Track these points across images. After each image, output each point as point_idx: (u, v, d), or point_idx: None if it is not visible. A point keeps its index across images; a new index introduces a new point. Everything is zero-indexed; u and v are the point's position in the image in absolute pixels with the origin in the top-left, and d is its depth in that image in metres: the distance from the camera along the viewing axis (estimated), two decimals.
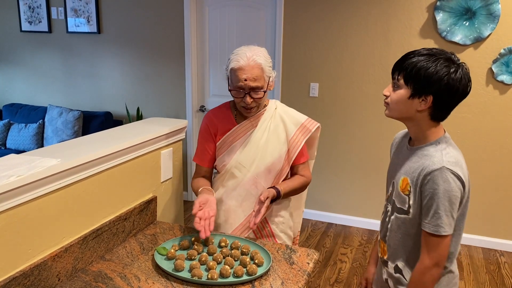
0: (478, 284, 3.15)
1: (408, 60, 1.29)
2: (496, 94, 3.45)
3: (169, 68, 4.39)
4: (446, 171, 1.25)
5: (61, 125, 4.49)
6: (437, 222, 1.27)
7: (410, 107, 1.31)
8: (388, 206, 1.45)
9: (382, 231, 1.49)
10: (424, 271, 1.31)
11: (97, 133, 1.77)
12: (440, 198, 1.25)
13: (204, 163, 1.88)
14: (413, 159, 1.35)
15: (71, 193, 1.43)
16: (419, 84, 1.26)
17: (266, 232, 1.87)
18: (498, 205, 3.61)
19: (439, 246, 1.29)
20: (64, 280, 1.41)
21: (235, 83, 1.70)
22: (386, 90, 1.36)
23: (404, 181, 1.36)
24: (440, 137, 1.34)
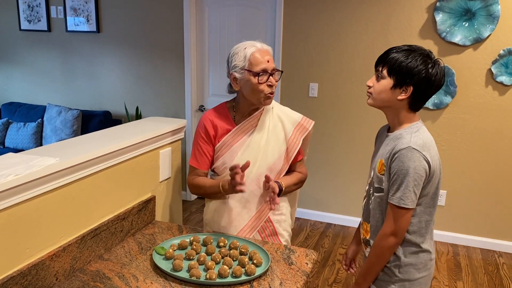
0: (476, 285, 3.15)
1: (392, 54, 1.44)
2: (496, 95, 3.45)
3: (169, 67, 4.38)
4: (412, 151, 1.40)
5: (60, 124, 4.48)
6: (399, 195, 1.41)
7: (392, 96, 1.46)
8: (370, 190, 1.58)
9: (365, 213, 1.61)
10: (382, 238, 1.47)
11: (96, 132, 1.76)
12: (404, 175, 1.40)
13: (202, 166, 1.84)
14: (388, 143, 1.50)
15: (69, 192, 1.43)
16: (401, 75, 1.42)
17: (270, 231, 1.87)
18: (496, 206, 3.61)
19: (399, 218, 1.43)
20: (62, 279, 1.40)
21: (258, 66, 1.69)
22: (370, 81, 1.51)
23: (380, 162, 1.50)
24: (413, 123, 1.48)
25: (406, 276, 1.52)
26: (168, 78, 4.41)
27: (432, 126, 3.64)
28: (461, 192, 3.66)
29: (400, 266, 1.52)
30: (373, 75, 1.52)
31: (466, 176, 3.63)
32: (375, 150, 1.63)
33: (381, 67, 1.47)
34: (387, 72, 1.44)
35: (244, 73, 1.72)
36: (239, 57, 1.71)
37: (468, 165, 3.62)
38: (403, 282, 1.52)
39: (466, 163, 3.62)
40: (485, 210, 3.65)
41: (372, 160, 1.62)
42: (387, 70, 1.44)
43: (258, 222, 1.83)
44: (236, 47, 1.74)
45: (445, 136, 3.62)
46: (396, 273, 1.52)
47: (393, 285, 1.53)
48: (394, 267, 1.53)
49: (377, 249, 1.50)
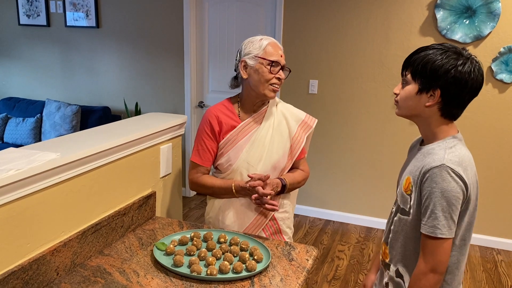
0: (475, 282, 3.16)
1: (416, 54, 1.27)
2: (495, 93, 3.46)
3: (168, 63, 4.37)
4: (446, 169, 1.19)
5: (59, 119, 4.47)
6: (433, 223, 1.20)
7: (419, 103, 1.27)
8: (393, 208, 1.41)
9: (385, 233, 1.44)
10: (419, 277, 1.24)
11: (97, 128, 1.76)
12: (438, 197, 1.19)
13: (205, 163, 1.82)
14: (419, 158, 1.30)
15: (70, 187, 1.42)
16: (426, 78, 1.23)
17: (274, 229, 1.87)
18: (496, 203, 3.62)
19: (436, 249, 1.21)
20: (63, 274, 1.40)
21: (272, 57, 1.72)
22: (396, 88, 1.34)
23: (407, 180, 1.30)
24: (449, 136, 1.28)
25: None
26: (167, 74, 4.40)
27: None
28: None
29: None
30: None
31: None
32: (405, 164, 1.42)
33: (405, 71, 1.29)
34: (411, 76, 1.27)
35: (257, 60, 1.73)
36: (254, 46, 1.74)
37: None
38: None
39: None
40: (484, 208, 3.66)
41: (400, 175, 1.41)
42: (411, 74, 1.27)
43: (263, 220, 1.83)
44: (251, 38, 1.78)
45: None
46: None
47: None
48: None
49: (415, 284, 1.25)
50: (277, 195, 1.82)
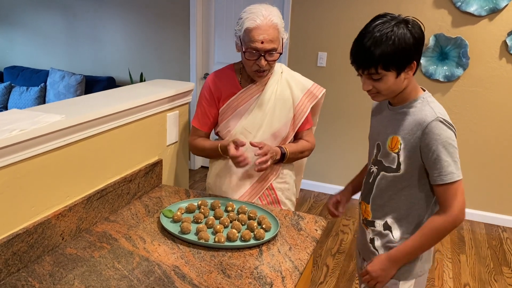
0: (479, 258, 3.15)
1: (375, 51, 1.24)
2: (509, 68, 3.37)
3: (174, 33, 4.28)
4: (442, 121, 1.29)
5: (63, 89, 4.42)
6: (448, 170, 1.28)
7: (401, 82, 1.31)
8: (372, 168, 1.46)
9: (364, 192, 1.50)
10: (450, 218, 1.31)
11: (103, 92, 1.72)
12: (443, 147, 1.27)
13: (203, 127, 1.82)
14: (401, 118, 1.36)
15: (75, 151, 1.39)
16: (401, 62, 1.26)
17: (272, 199, 1.83)
18: (502, 180, 3.58)
19: (457, 192, 1.29)
20: (68, 239, 1.38)
21: (250, 44, 1.61)
22: (366, 86, 1.33)
23: (394, 139, 1.36)
24: (423, 93, 1.37)
25: (413, 260, 1.42)
26: (173, 44, 4.32)
27: (442, 99, 3.57)
28: (467, 166, 3.62)
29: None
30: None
31: (473, 151, 3.59)
32: (374, 125, 1.49)
33: (373, 69, 1.26)
34: (384, 68, 1.26)
35: (238, 42, 1.67)
36: (240, 24, 1.64)
37: (476, 140, 3.57)
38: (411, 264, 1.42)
39: (474, 138, 3.56)
40: (490, 185, 3.62)
41: (374, 136, 1.48)
42: (382, 68, 1.26)
43: (259, 189, 1.80)
44: (244, 11, 1.65)
45: (454, 110, 3.55)
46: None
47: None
48: None
49: (439, 231, 1.32)
50: (277, 163, 1.78)
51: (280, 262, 1.31)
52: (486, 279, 2.90)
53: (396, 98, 1.37)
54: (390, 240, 1.43)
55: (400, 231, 1.42)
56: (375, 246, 1.46)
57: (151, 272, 1.23)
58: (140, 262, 1.28)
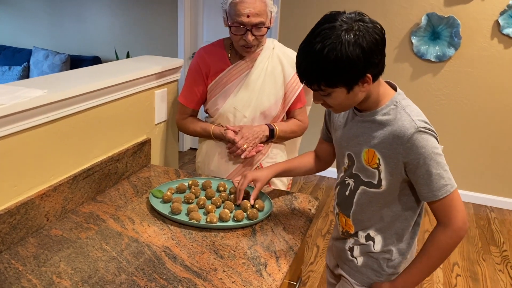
0: (468, 238, 3.17)
1: (315, 67, 1.06)
2: (501, 48, 3.35)
3: (161, 12, 4.16)
4: (423, 131, 1.12)
5: (47, 68, 4.29)
6: (441, 183, 1.14)
7: (355, 96, 1.12)
8: (347, 180, 1.30)
9: (342, 205, 1.34)
10: (454, 234, 1.17)
11: (88, 67, 1.64)
12: (431, 159, 1.13)
13: (190, 104, 1.77)
14: (373, 127, 1.19)
15: (59, 128, 1.32)
16: (348, 78, 1.07)
17: None
18: (489, 161, 3.59)
19: (455, 203, 1.16)
20: (54, 220, 1.33)
21: (236, 18, 1.55)
22: (316, 99, 1.16)
23: (370, 153, 1.20)
24: (394, 95, 1.19)
25: (394, 271, 1.32)
26: (160, 22, 4.20)
27: (433, 79, 3.54)
28: (457, 147, 3.62)
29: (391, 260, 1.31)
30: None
31: (463, 131, 3.58)
32: (341, 130, 1.30)
33: (316, 85, 1.10)
34: (328, 86, 1.09)
35: (225, 16, 1.61)
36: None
37: (466, 120, 3.56)
38: (390, 276, 1.32)
39: (464, 118, 3.56)
40: (479, 166, 3.63)
41: (342, 143, 1.30)
42: (326, 85, 1.08)
43: (247, 168, 1.76)
44: None
45: (445, 90, 3.53)
46: (384, 267, 1.31)
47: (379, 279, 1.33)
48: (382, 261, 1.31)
49: (445, 250, 1.19)
50: (266, 141, 1.74)
51: (274, 242, 1.27)
52: (475, 258, 2.93)
53: (362, 105, 1.20)
54: (370, 250, 1.31)
55: (383, 243, 1.30)
56: (353, 255, 1.35)
57: (140, 253, 1.19)
58: (129, 243, 1.24)
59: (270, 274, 1.13)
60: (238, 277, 1.11)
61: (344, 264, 1.39)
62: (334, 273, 1.48)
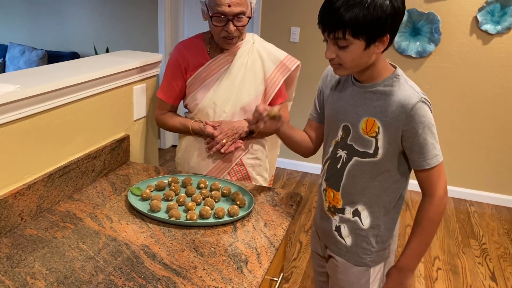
0: (448, 232, 3.22)
1: (346, 9, 1.11)
2: (479, 44, 3.39)
3: (141, 6, 4.10)
4: (425, 102, 1.22)
5: (24, 65, 4.19)
6: (433, 153, 1.23)
7: (368, 56, 1.18)
8: (339, 153, 1.33)
9: (331, 179, 1.36)
10: (439, 203, 1.26)
11: (64, 62, 1.60)
12: (428, 130, 1.21)
13: (169, 99, 1.74)
14: (375, 97, 1.24)
15: (33, 125, 1.28)
16: (373, 31, 1.13)
17: (242, 174, 1.78)
18: (470, 156, 3.65)
19: (441, 173, 1.26)
20: (28, 220, 1.29)
21: (216, 9, 1.53)
22: (329, 53, 1.20)
23: (369, 122, 1.24)
24: (395, 70, 1.26)
25: (382, 246, 1.37)
26: (140, 18, 4.14)
27: (414, 75, 3.57)
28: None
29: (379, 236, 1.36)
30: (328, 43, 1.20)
31: (443, 126, 3.63)
32: (337, 104, 1.32)
33: (341, 33, 1.13)
34: (352, 34, 1.13)
35: (204, 9, 1.58)
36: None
37: (446, 115, 3.60)
38: (379, 253, 1.37)
39: (444, 113, 3.60)
40: (459, 160, 3.69)
41: (338, 116, 1.32)
42: (351, 34, 1.13)
43: (228, 164, 1.74)
44: None
45: (425, 86, 3.57)
46: (374, 244, 1.35)
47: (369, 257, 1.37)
48: (372, 237, 1.35)
49: (434, 220, 1.27)
50: (246, 137, 1.72)
51: (255, 239, 1.26)
52: (455, 251, 2.97)
53: (364, 74, 1.25)
54: (358, 227, 1.34)
55: (371, 218, 1.33)
56: (341, 235, 1.37)
57: (118, 252, 1.16)
58: (107, 242, 1.21)
59: (251, 271, 1.12)
60: (219, 275, 1.09)
61: (332, 245, 1.42)
62: (324, 256, 1.49)
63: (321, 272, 1.55)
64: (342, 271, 1.40)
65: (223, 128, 1.65)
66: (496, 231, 3.27)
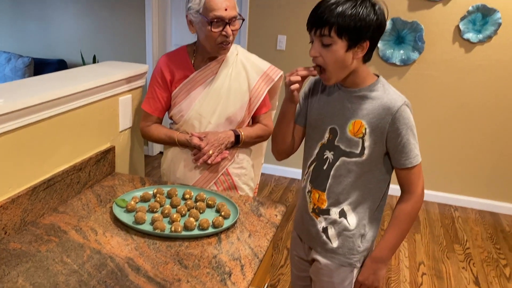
0: (433, 237, 3.26)
1: (334, 11, 1.20)
2: (461, 52, 3.46)
3: (128, 14, 4.10)
4: (408, 106, 1.31)
5: (10, 72, 4.17)
6: (414, 153, 1.32)
7: (348, 60, 1.26)
8: (326, 154, 1.39)
9: (317, 180, 1.41)
10: (417, 200, 1.35)
11: (49, 74, 1.60)
12: (411, 132, 1.31)
13: (155, 112, 1.75)
14: (362, 101, 1.32)
15: (17, 138, 1.28)
16: (356, 32, 1.21)
17: (229, 184, 1.79)
18: (454, 162, 3.71)
19: (420, 173, 1.35)
20: (12, 233, 1.29)
21: (214, 14, 1.55)
22: (314, 50, 1.26)
23: (356, 124, 1.32)
24: (379, 78, 1.35)
25: (367, 246, 1.43)
26: (128, 25, 4.14)
27: (398, 82, 3.63)
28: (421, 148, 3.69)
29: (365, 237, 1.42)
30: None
31: (427, 132, 3.69)
32: (324, 109, 1.39)
33: (327, 30, 1.21)
34: (337, 33, 1.21)
35: (198, 18, 1.59)
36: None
37: (429, 122, 3.66)
38: (364, 252, 1.43)
39: (428, 120, 3.66)
40: (443, 166, 3.74)
41: (324, 121, 1.39)
42: (336, 31, 1.20)
43: (214, 174, 1.76)
44: None
45: (410, 92, 3.62)
46: (359, 243, 1.41)
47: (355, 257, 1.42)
48: (358, 237, 1.41)
49: (411, 215, 1.36)
50: (232, 147, 1.74)
51: (239, 250, 1.28)
52: (439, 256, 3.01)
53: (348, 80, 1.32)
54: (345, 227, 1.39)
55: (357, 218, 1.39)
56: (328, 236, 1.41)
57: (103, 266, 1.17)
58: (91, 255, 1.21)
59: (234, 283, 1.13)
60: (202, 287, 1.11)
61: (318, 247, 1.45)
62: (307, 260, 1.53)
63: (303, 276, 1.58)
64: (326, 273, 1.44)
65: (209, 139, 1.67)
66: (479, 236, 3.32)
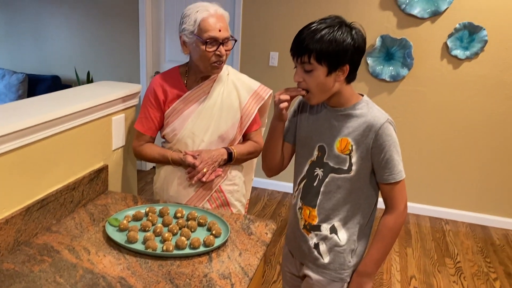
0: (424, 251, 3.29)
1: (313, 39, 1.27)
2: (450, 69, 3.53)
3: (122, 30, 4.16)
4: (390, 122, 1.37)
5: (4, 88, 4.19)
6: (398, 169, 1.37)
7: (330, 84, 1.32)
8: (316, 171, 1.44)
9: (308, 197, 1.46)
10: (398, 217, 1.39)
11: (43, 96, 1.63)
12: (393, 147, 1.35)
13: (148, 131, 1.78)
14: (347, 120, 1.38)
15: (10, 160, 1.31)
16: (334, 58, 1.28)
17: (221, 201, 1.82)
18: (444, 175, 3.76)
19: (403, 189, 1.39)
20: (5, 253, 1.30)
21: (208, 34, 1.60)
22: (297, 76, 1.34)
23: (343, 141, 1.38)
24: (363, 98, 1.41)
25: (357, 261, 1.47)
26: (122, 41, 4.19)
27: (388, 98, 3.69)
28: (411, 162, 3.76)
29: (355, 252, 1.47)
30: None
31: (417, 147, 3.74)
32: (311, 127, 1.45)
33: (308, 57, 1.28)
34: (317, 59, 1.27)
35: (192, 38, 1.64)
36: (190, 20, 1.63)
37: (419, 137, 3.72)
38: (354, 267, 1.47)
39: (418, 135, 3.72)
40: (434, 180, 3.79)
41: (312, 139, 1.44)
42: (315, 58, 1.27)
43: (207, 192, 1.79)
44: (189, 8, 1.65)
45: (399, 108, 3.68)
46: (349, 258, 1.45)
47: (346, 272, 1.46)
48: (348, 253, 1.45)
49: (394, 230, 1.40)
50: (224, 164, 1.78)
51: (229, 269, 1.30)
52: (431, 270, 3.04)
53: (333, 100, 1.38)
54: (336, 243, 1.43)
55: (347, 234, 1.43)
56: (320, 252, 1.45)
57: (95, 285, 1.19)
58: (84, 274, 1.23)
59: None
60: None
61: (309, 263, 1.49)
62: (299, 276, 1.56)
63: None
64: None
65: (203, 157, 1.70)
66: (470, 250, 3.36)
